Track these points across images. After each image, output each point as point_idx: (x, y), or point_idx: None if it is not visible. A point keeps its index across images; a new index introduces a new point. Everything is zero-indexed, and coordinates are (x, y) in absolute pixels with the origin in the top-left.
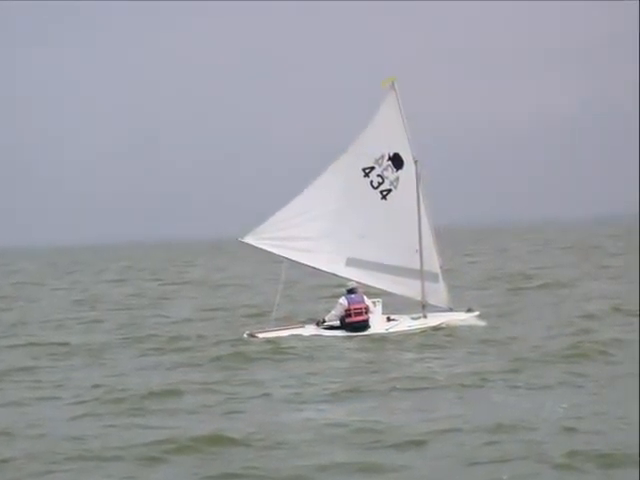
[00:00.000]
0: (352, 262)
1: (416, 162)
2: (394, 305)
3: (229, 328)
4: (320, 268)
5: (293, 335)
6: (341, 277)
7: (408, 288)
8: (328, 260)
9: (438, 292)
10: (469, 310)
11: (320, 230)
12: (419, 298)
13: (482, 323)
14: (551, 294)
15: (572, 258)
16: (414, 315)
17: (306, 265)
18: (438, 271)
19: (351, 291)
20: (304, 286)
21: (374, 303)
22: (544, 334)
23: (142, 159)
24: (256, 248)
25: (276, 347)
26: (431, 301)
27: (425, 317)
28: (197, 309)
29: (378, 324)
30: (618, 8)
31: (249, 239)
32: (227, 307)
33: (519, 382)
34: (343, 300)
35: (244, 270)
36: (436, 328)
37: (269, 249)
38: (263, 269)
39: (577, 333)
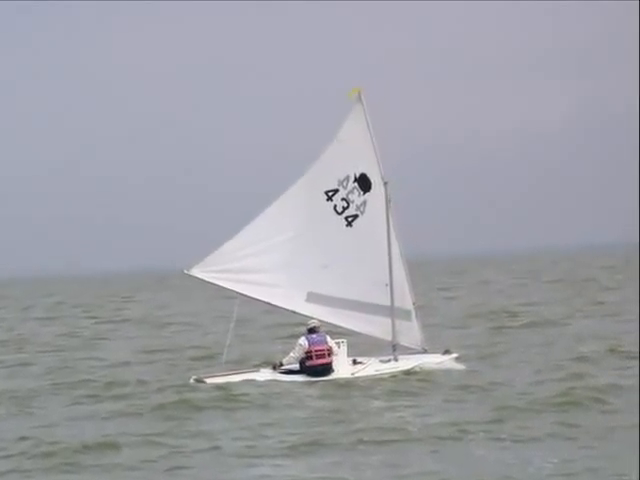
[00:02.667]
0: (313, 297)
1: (386, 184)
2: (361, 346)
3: (173, 372)
4: (277, 304)
5: (246, 380)
6: (301, 314)
7: (377, 327)
8: (286, 295)
9: (411, 331)
10: (446, 352)
11: (277, 261)
12: (389, 338)
13: (461, 367)
14: (539, 334)
15: (562, 293)
16: (383, 357)
17: (261, 301)
18: (411, 308)
19: (312, 330)
20: (259, 325)
21: (338, 344)
22: (531, 379)
23: (74, 179)
24: (204, 282)
25: (227, 394)
26: (403, 342)
27: (396, 360)
28: (137, 351)
29: (343, 368)
30: (617, 8)
31: (196, 271)
32: (171, 348)
33: (503, 434)
34: (303, 341)
35: (191, 307)
36: (408, 372)
37: (219, 283)
38: (212, 305)
39: (568, 378)
